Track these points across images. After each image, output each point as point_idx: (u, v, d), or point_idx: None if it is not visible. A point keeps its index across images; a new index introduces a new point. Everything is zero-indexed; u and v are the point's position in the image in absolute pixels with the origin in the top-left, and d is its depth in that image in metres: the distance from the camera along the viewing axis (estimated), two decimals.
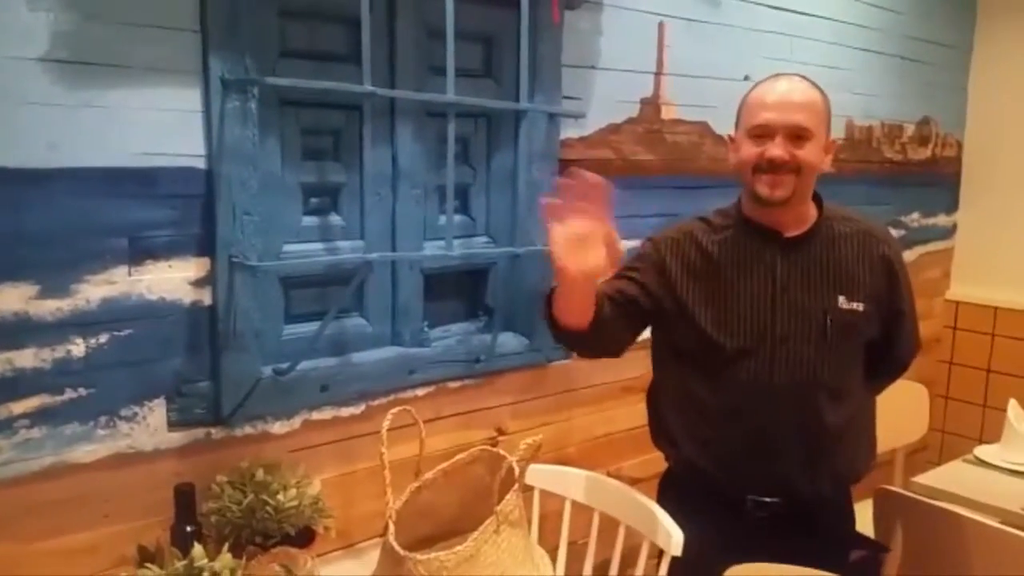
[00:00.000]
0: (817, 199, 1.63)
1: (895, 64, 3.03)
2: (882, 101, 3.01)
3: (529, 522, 1.49)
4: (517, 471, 1.33)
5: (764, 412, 1.55)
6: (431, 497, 1.40)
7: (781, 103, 1.50)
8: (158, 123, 1.50)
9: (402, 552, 1.22)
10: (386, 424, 1.33)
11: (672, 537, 1.61)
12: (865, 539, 1.77)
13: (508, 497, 1.28)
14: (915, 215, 3.29)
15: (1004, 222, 3.33)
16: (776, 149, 1.49)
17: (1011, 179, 3.31)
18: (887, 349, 1.66)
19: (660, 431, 1.74)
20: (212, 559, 1.24)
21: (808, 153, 1.50)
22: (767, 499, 1.58)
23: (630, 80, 2.24)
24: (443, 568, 1.20)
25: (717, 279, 1.59)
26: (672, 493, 1.73)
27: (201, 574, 1.19)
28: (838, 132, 2.85)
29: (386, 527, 1.28)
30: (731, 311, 1.57)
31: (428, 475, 1.41)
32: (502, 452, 1.41)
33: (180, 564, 1.19)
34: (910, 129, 3.19)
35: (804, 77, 1.58)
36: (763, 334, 1.55)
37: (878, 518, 1.93)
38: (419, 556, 1.21)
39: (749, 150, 1.53)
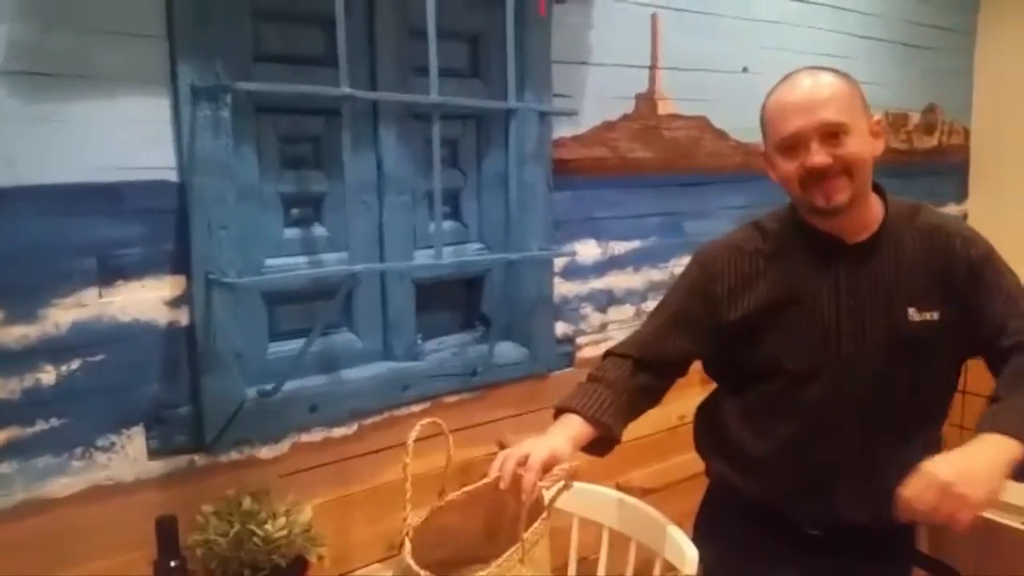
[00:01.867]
0: (880, 192, 1.41)
1: (897, 51, 2.95)
2: (885, 90, 2.92)
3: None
4: (546, 499, 1.21)
5: (828, 442, 1.40)
6: (453, 520, 1.30)
7: (804, 104, 1.31)
8: (125, 135, 1.42)
9: (421, 572, 1.12)
10: (413, 434, 1.23)
11: (686, 555, 1.51)
12: (931, 560, 1.66)
13: (535, 526, 1.18)
14: None
15: (1015, 209, 3.23)
16: (816, 156, 1.29)
17: (1021, 165, 3.21)
18: (998, 335, 1.35)
19: (706, 445, 1.60)
20: None
21: (852, 147, 1.30)
22: (818, 531, 1.44)
23: (624, 75, 2.16)
24: None
25: (774, 295, 1.41)
26: (716, 509, 1.60)
27: None
28: None
29: (402, 544, 1.19)
30: (789, 331, 1.39)
31: (452, 495, 1.31)
32: (544, 491, 1.29)
33: None
34: (915, 117, 3.10)
35: (818, 67, 1.38)
36: (827, 356, 1.37)
37: None
38: None
39: (787, 165, 1.33)
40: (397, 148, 1.78)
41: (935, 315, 1.35)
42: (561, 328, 2.11)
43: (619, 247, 2.22)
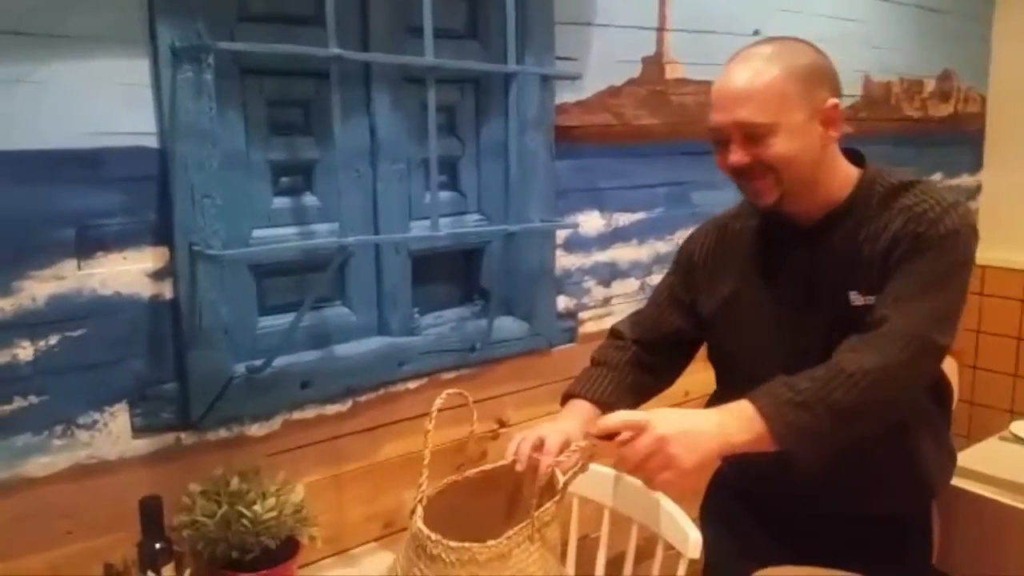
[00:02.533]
0: (859, 161, 1.29)
1: (912, 14, 2.84)
2: (900, 55, 2.83)
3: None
4: (561, 481, 1.16)
5: None
6: (465, 499, 1.25)
7: (723, 99, 1.20)
8: (102, 99, 1.35)
9: (432, 535, 1.08)
10: (438, 403, 1.19)
11: (689, 538, 1.46)
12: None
13: (547, 506, 1.13)
14: (937, 175, 3.11)
15: None
16: (733, 156, 1.21)
17: None
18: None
19: None
20: None
21: (776, 148, 1.18)
22: (804, 520, 1.37)
23: (630, 37, 2.07)
24: (473, 560, 1.07)
25: (736, 279, 1.35)
26: (720, 492, 1.54)
27: None
28: (853, 88, 2.67)
29: (413, 510, 1.14)
30: (740, 327, 1.34)
31: (470, 472, 1.27)
32: (559, 475, 1.24)
33: None
34: (930, 84, 3.00)
35: (759, 47, 1.23)
36: (776, 345, 1.29)
37: None
38: (450, 543, 1.07)
39: (716, 156, 1.26)
40: (391, 114, 1.70)
41: (872, 299, 1.20)
42: (563, 302, 2.05)
43: (624, 218, 2.14)
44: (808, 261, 1.27)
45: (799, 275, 1.28)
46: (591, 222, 2.07)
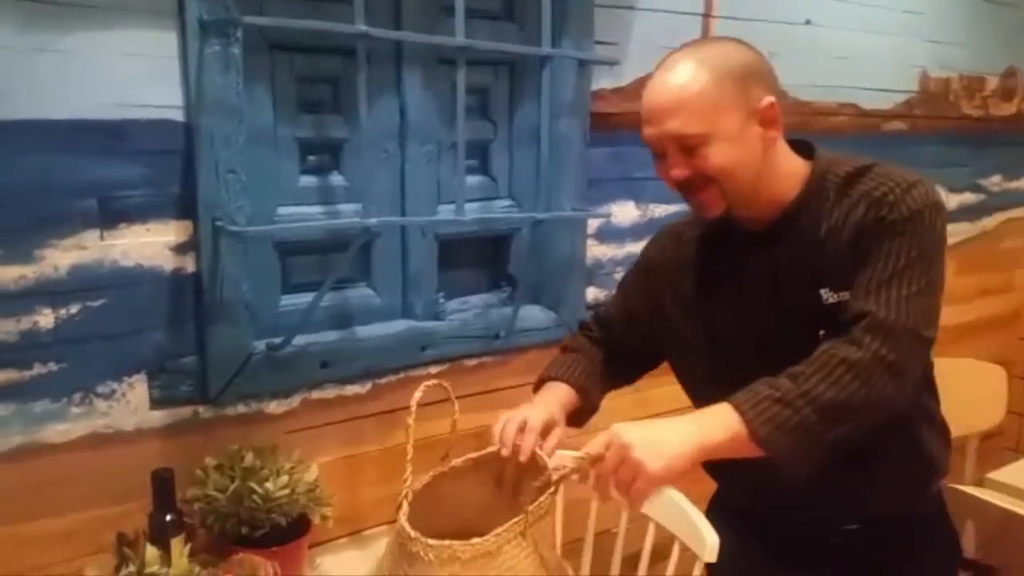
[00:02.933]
0: (808, 152, 1.21)
1: (976, 7, 2.72)
2: (961, 50, 2.70)
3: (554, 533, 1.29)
4: (554, 477, 1.13)
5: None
6: (455, 488, 1.23)
7: (651, 111, 1.13)
8: (128, 70, 1.34)
9: (412, 532, 1.06)
10: (417, 395, 1.17)
11: (706, 542, 1.42)
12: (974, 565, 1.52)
13: (541, 499, 1.10)
14: (996, 178, 2.98)
15: None
16: (673, 170, 1.13)
17: None
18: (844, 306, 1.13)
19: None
20: (178, 557, 1.10)
21: (715, 158, 1.10)
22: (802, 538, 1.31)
23: (674, 23, 2.00)
24: (455, 558, 1.04)
25: (697, 293, 1.28)
26: (725, 516, 1.46)
27: None
28: (908, 84, 2.57)
29: (399, 507, 1.12)
30: (709, 333, 1.26)
31: (456, 462, 1.24)
32: (544, 457, 1.21)
33: (125, 572, 1.05)
34: (993, 82, 2.86)
35: (685, 51, 1.14)
36: (749, 357, 1.17)
37: None
38: (430, 541, 1.05)
39: (657, 170, 1.19)
40: (422, 94, 1.68)
41: (845, 295, 1.12)
42: (592, 293, 2.01)
43: (660, 210, 2.09)
44: (770, 264, 1.18)
45: (763, 279, 1.19)
46: (625, 212, 2.03)
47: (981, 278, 2.97)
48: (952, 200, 2.80)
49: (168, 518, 1.36)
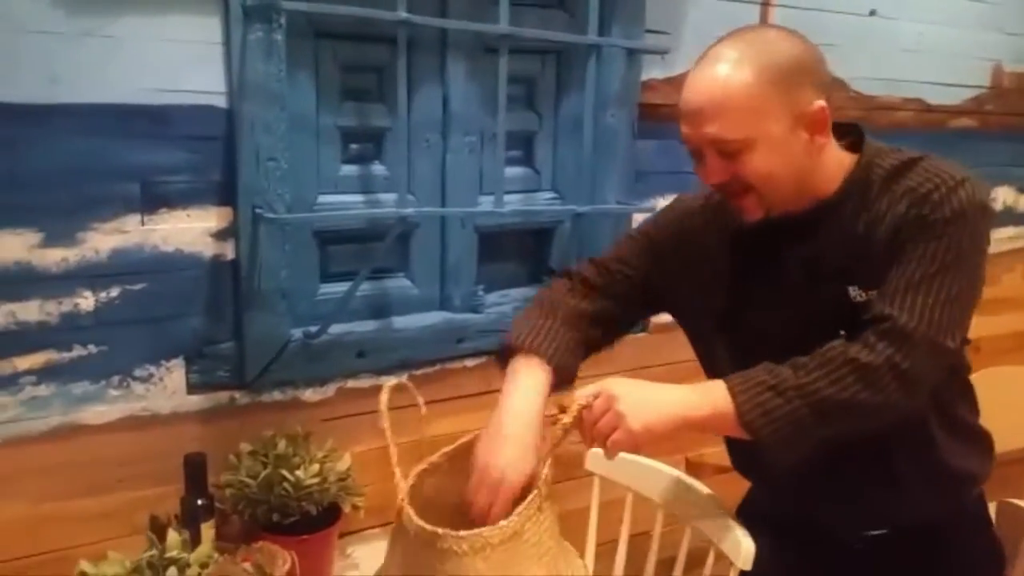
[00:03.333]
0: (854, 136, 1.14)
1: None
2: None
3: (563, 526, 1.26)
4: (549, 444, 1.11)
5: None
6: (437, 483, 1.22)
7: (689, 111, 1.05)
8: (172, 55, 1.35)
9: (436, 530, 1.04)
10: (384, 397, 1.16)
11: (742, 547, 1.37)
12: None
13: (546, 473, 1.09)
14: None
15: None
16: (712, 175, 1.07)
17: None
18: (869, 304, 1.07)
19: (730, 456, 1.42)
20: (196, 545, 1.10)
21: (754, 164, 1.03)
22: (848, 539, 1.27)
23: (731, 11, 1.93)
24: (487, 544, 1.03)
25: (722, 272, 1.21)
26: (754, 519, 1.41)
27: (168, 567, 1.05)
28: (980, 79, 2.45)
29: (400, 511, 1.11)
30: (722, 317, 1.21)
31: (433, 458, 1.23)
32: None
33: (147, 554, 1.06)
34: None
35: (730, 46, 1.05)
36: (757, 343, 1.13)
37: (1004, 539, 1.62)
38: (461, 533, 1.03)
39: (695, 168, 1.11)
40: (466, 84, 1.65)
41: (874, 294, 1.07)
42: None
43: None
44: (805, 255, 1.12)
45: (796, 271, 1.13)
46: None
47: None
48: (1023, 202, 2.67)
49: (199, 502, 1.37)
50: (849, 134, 1.14)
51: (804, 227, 1.11)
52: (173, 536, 1.10)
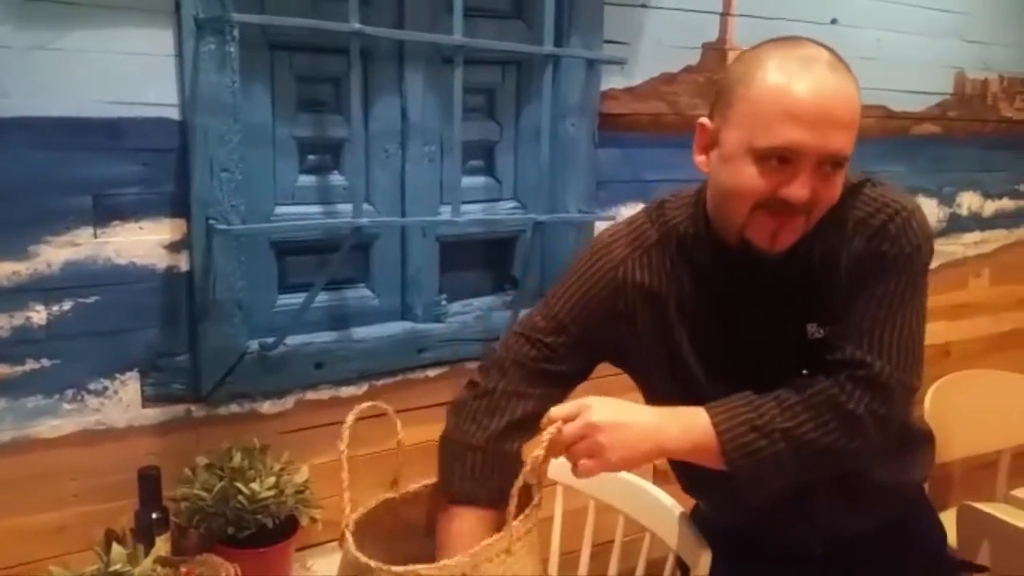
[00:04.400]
0: None
1: (1018, 5, 2.60)
2: (1001, 50, 2.59)
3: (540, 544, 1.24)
4: (536, 497, 1.09)
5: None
6: (407, 513, 1.20)
7: (820, 116, 0.94)
8: (124, 68, 1.35)
9: (370, 562, 1.02)
10: (351, 418, 1.15)
11: (700, 555, 1.38)
12: (963, 563, 1.47)
13: (527, 512, 1.06)
14: None
15: None
16: (801, 189, 0.95)
17: None
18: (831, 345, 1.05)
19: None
20: (141, 558, 1.09)
21: (837, 185, 0.99)
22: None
23: (690, 21, 1.95)
24: None
25: (681, 318, 1.13)
26: (707, 527, 1.40)
27: None
28: (943, 86, 2.48)
29: (342, 536, 1.10)
30: (676, 362, 1.14)
31: (411, 488, 1.21)
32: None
33: (91, 569, 1.05)
34: None
35: (834, 57, 0.99)
36: (723, 388, 1.07)
37: (962, 542, 1.63)
38: (394, 568, 1.01)
39: (753, 177, 0.96)
40: (424, 94, 1.66)
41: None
42: None
43: None
44: (759, 293, 1.07)
45: (752, 311, 1.08)
46: None
47: (1017, 288, 2.85)
48: (988, 206, 2.69)
49: (154, 516, 1.36)
50: None
51: (762, 262, 1.03)
52: (117, 550, 1.10)
